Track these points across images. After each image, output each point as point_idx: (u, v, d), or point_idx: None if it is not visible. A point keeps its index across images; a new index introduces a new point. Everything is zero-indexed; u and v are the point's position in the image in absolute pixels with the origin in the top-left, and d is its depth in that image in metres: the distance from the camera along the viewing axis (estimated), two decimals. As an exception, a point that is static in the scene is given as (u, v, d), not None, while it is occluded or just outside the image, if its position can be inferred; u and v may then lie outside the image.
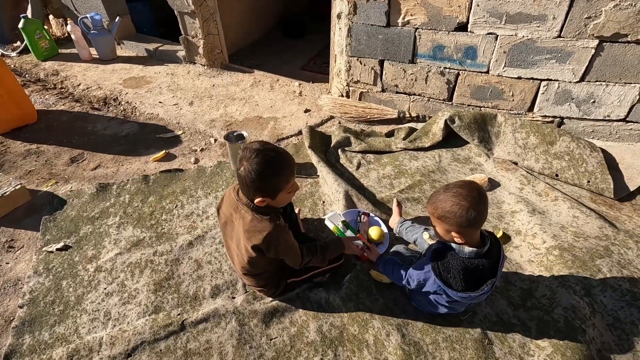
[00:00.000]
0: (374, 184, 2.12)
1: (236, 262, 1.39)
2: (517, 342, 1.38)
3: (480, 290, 1.19)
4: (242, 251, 1.30)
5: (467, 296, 1.20)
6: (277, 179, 1.18)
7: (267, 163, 1.14)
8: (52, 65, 3.55)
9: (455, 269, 1.18)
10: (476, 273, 1.18)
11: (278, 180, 1.19)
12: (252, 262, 1.31)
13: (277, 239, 1.23)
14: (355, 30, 2.44)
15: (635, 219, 1.82)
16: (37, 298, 1.59)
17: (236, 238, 1.32)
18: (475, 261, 1.17)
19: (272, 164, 1.15)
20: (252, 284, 1.46)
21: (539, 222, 1.78)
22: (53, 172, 2.31)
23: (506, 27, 2.07)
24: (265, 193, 1.19)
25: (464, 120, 2.27)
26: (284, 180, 1.20)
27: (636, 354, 1.33)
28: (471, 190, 1.12)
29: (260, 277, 1.42)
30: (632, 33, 1.87)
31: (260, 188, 1.17)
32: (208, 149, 2.49)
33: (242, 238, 1.27)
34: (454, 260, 1.19)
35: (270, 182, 1.17)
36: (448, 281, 1.21)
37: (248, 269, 1.36)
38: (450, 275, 1.20)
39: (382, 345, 1.37)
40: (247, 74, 3.37)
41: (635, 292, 1.49)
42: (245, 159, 1.14)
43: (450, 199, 1.12)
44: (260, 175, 1.13)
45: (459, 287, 1.20)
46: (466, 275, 1.17)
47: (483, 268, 1.18)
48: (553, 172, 2.08)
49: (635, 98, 2.05)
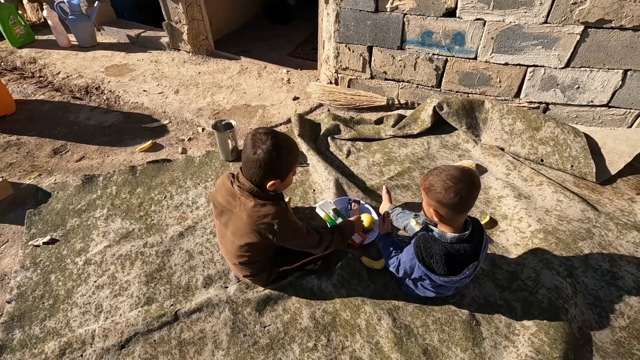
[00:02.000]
0: (364, 172, 2.13)
1: (230, 251, 1.39)
2: (503, 322, 1.43)
3: (462, 274, 1.23)
4: (241, 238, 1.30)
5: (449, 280, 1.24)
6: (291, 157, 1.25)
7: (281, 142, 1.20)
8: (29, 52, 3.41)
9: (437, 254, 1.21)
10: (458, 258, 1.21)
11: (292, 159, 1.26)
12: (250, 248, 1.31)
13: (285, 221, 1.26)
14: (344, 15, 2.41)
15: (616, 202, 1.89)
16: (26, 293, 1.57)
17: (234, 226, 1.32)
18: (457, 246, 1.20)
19: (285, 143, 1.22)
20: (245, 273, 1.46)
21: (524, 206, 1.83)
22: (36, 164, 2.24)
23: (494, 13, 2.07)
24: (278, 174, 1.23)
25: (452, 107, 2.29)
26: (295, 159, 1.28)
27: (614, 330, 1.40)
28: (464, 175, 1.14)
29: (253, 265, 1.42)
30: (616, 19, 1.89)
31: (275, 168, 1.21)
32: (196, 138, 2.45)
33: (243, 225, 1.27)
34: (436, 246, 1.22)
35: (286, 161, 1.23)
36: (431, 266, 1.25)
37: (243, 256, 1.36)
38: (433, 261, 1.23)
39: (373, 329, 1.41)
40: (234, 60, 3.31)
41: (615, 272, 1.55)
42: (260, 143, 1.17)
43: (441, 175, 1.15)
44: (279, 153, 1.18)
45: (442, 271, 1.23)
46: (448, 260, 1.21)
47: (465, 253, 1.21)
48: (538, 158, 2.12)
49: (617, 83, 2.10)
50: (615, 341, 1.37)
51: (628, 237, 1.68)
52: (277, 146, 1.18)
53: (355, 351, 1.36)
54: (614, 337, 1.38)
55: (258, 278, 1.49)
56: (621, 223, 1.74)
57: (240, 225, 1.29)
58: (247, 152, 1.20)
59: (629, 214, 1.81)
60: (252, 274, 1.46)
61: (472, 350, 1.35)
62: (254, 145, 1.18)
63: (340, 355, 1.35)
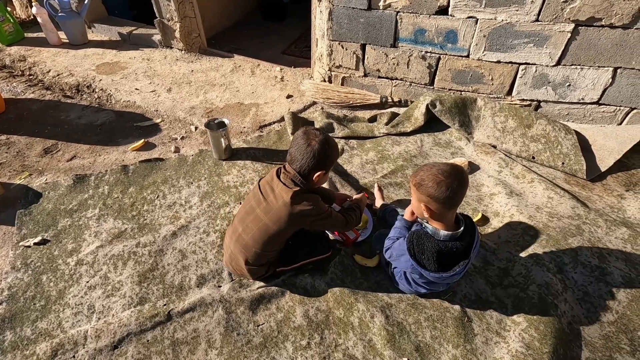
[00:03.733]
0: (357, 170, 2.13)
1: (250, 234, 1.40)
2: (495, 318, 1.44)
3: (452, 271, 1.24)
4: (274, 223, 1.35)
5: (439, 276, 1.26)
6: (336, 152, 1.43)
7: (330, 139, 1.37)
8: (19, 50, 3.36)
9: (429, 250, 1.23)
10: (449, 255, 1.23)
11: (337, 154, 1.44)
12: (276, 235, 1.37)
13: (319, 208, 1.37)
14: (337, 13, 2.40)
15: (606, 199, 1.91)
16: (17, 294, 1.56)
17: (264, 212, 1.37)
18: (450, 244, 1.22)
19: (333, 141, 1.38)
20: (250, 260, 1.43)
21: (516, 203, 1.84)
22: (26, 164, 2.22)
23: (486, 11, 2.08)
24: (325, 165, 1.36)
25: (445, 105, 2.30)
26: (338, 155, 1.49)
27: (602, 325, 1.42)
28: (453, 170, 1.17)
29: (264, 255, 1.42)
30: (606, 17, 1.91)
31: (326, 159, 1.35)
32: (189, 137, 2.44)
33: (280, 211, 1.34)
34: (429, 243, 1.23)
35: (334, 154, 1.40)
36: (422, 262, 1.26)
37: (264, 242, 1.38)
38: (424, 257, 1.24)
39: (366, 326, 1.42)
40: (227, 58, 3.29)
41: (604, 268, 1.57)
42: (313, 136, 1.33)
43: (432, 170, 1.18)
44: (330, 146, 1.35)
45: (432, 267, 1.24)
46: (440, 257, 1.22)
47: (457, 250, 1.22)
48: (530, 155, 2.14)
49: (607, 81, 2.12)
50: (604, 336, 1.39)
51: (617, 234, 1.70)
52: (328, 140, 1.34)
53: (349, 348, 1.37)
54: (603, 331, 1.40)
55: (255, 270, 1.47)
56: (610, 219, 1.76)
57: (275, 211, 1.35)
58: (299, 145, 1.33)
59: (618, 210, 1.84)
60: (254, 263, 1.44)
61: (464, 347, 1.36)
62: (308, 138, 1.32)
63: (333, 353, 1.35)
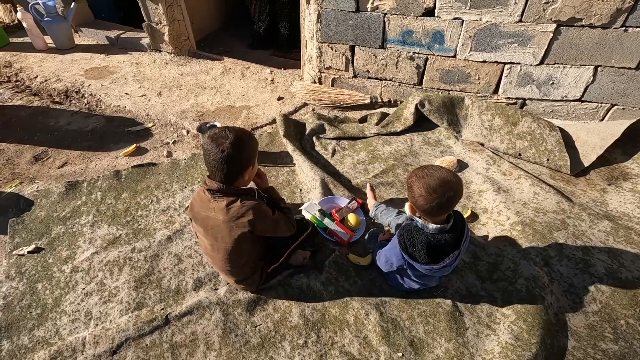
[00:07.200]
0: (349, 170, 2.17)
1: (217, 258, 1.40)
2: (485, 312, 1.49)
3: (443, 262, 1.29)
4: (225, 239, 1.32)
5: (430, 268, 1.30)
6: (253, 142, 1.32)
7: (241, 133, 1.26)
8: (4, 56, 3.32)
9: (419, 243, 1.27)
10: (439, 247, 1.28)
11: (254, 144, 1.33)
12: (237, 247, 1.33)
13: (260, 211, 1.31)
14: (325, 15, 2.43)
15: (589, 193, 1.98)
16: (12, 303, 1.56)
17: (213, 232, 1.33)
18: (439, 236, 1.26)
19: (243, 132, 1.30)
20: (237, 278, 1.48)
21: (503, 200, 1.90)
22: (16, 172, 2.20)
23: (471, 12, 2.13)
24: (247, 162, 1.29)
25: (434, 104, 2.34)
26: (257, 143, 1.34)
27: (587, 314, 1.48)
28: (441, 186, 1.17)
29: (243, 268, 1.44)
30: (586, 17, 1.97)
31: (245, 158, 1.27)
32: (181, 141, 2.45)
33: (222, 226, 1.29)
34: (418, 235, 1.28)
35: (251, 147, 1.30)
36: (413, 254, 1.30)
37: (232, 258, 1.37)
38: (415, 249, 1.29)
39: (362, 324, 1.45)
40: (217, 61, 3.29)
41: (587, 260, 1.64)
42: (222, 139, 1.22)
43: (421, 181, 1.21)
44: (245, 142, 1.25)
45: (423, 259, 1.29)
46: (429, 249, 1.27)
47: (446, 243, 1.27)
48: (516, 152, 2.20)
49: (589, 79, 2.19)
50: (589, 325, 1.45)
51: (600, 227, 1.77)
52: (239, 136, 1.24)
53: (345, 346, 1.40)
54: (587, 321, 1.46)
55: (250, 282, 1.50)
56: (593, 213, 1.83)
57: (220, 228, 1.31)
58: (212, 154, 1.22)
59: (600, 204, 1.91)
60: (244, 277, 1.48)
61: (456, 340, 1.41)
62: (218, 145, 1.21)
63: (330, 351, 1.39)
